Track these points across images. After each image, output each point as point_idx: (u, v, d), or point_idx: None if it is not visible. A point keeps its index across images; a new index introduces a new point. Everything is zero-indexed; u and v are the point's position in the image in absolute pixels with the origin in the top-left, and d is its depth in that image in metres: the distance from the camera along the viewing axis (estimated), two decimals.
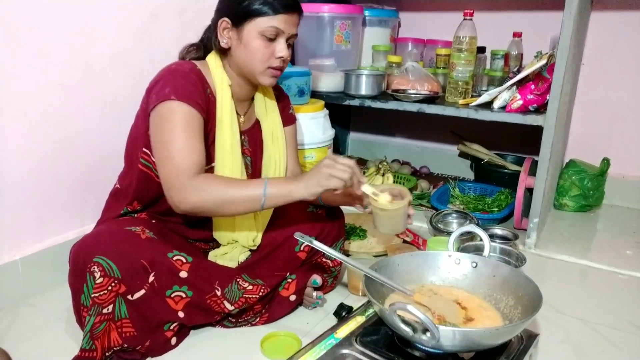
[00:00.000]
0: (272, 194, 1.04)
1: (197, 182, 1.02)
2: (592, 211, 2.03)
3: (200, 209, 1.04)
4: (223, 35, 1.14)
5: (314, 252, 1.24)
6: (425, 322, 0.79)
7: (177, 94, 1.05)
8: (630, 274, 1.51)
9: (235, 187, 1.06)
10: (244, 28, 1.11)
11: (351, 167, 1.06)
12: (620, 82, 2.01)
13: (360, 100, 1.93)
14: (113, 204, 1.22)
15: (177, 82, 1.08)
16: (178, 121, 1.05)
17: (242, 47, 1.13)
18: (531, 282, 0.98)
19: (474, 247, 1.41)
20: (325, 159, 1.07)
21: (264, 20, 1.10)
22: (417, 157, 2.50)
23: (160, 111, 1.06)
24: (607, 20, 1.99)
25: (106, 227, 1.10)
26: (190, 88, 1.08)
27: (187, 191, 1.02)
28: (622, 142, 2.07)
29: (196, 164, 1.04)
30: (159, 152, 1.06)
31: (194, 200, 1.02)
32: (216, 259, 1.24)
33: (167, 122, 1.05)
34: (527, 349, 0.95)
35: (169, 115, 1.05)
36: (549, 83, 1.58)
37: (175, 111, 1.05)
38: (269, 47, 1.12)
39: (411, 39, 2.28)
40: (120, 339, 1.03)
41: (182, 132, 1.04)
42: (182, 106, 1.06)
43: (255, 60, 1.13)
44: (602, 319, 1.27)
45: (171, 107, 1.05)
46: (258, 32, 1.11)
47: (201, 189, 1.02)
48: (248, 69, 1.15)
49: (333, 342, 0.95)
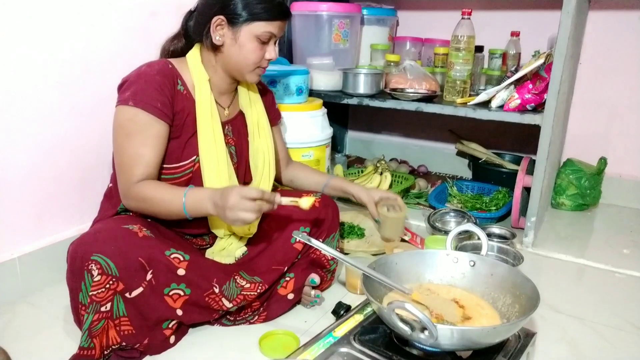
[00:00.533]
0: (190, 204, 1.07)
1: (137, 191, 1.09)
2: (589, 210, 2.04)
3: (143, 213, 1.13)
4: (216, 32, 1.16)
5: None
6: (424, 321, 0.80)
7: (134, 100, 1.09)
8: (627, 273, 1.51)
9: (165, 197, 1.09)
10: (240, 29, 1.14)
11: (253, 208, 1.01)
12: (618, 81, 2.02)
13: (359, 99, 1.93)
14: (107, 203, 1.23)
15: (138, 86, 1.11)
16: (131, 129, 1.10)
17: (237, 47, 1.16)
18: (529, 281, 0.99)
19: (471, 245, 1.42)
20: (230, 197, 1.00)
21: (261, 25, 1.15)
22: (415, 156, 2.50)
23: (117, 115, 1.12)
24: (605, 19, 1.99)
25: (103, 226, 1.10)
26: (151, 92, 1.11)
27: (129, 199, 1.10)
28: (619, 142, 2.07)
29: (141, 173, 1.09)
30: (114, 157, 1.13)
31: (133, 207, 1.11)
32: (213, 255, 1.24)
33: (120, 128, 1.11)
34: (524, 348, 0.95)
35: (123, 122, 1.11)
36: (546, 82, 1.59)
37: (129, 118, 1.10)
38: (262, 50, 1.18)
39: (409, 37, 2.28)
40: (119, 337, 1.03)
41: (133, 140, 1.09)
42: (139, 113, 1.09)
43: (247, 60, 1.18)
44: (599, 318, 1.27)
45: (127, 114, 1.10)
46: (254, 35, 1.15)
47: (138, 198, 1.09)
48: (237, 67, 1.19)
49: (331, 340, 0.95)
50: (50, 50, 1.29)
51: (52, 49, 1.29)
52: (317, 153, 1.82)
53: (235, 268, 1.18)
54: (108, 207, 1.22)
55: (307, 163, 1.75)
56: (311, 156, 1.80)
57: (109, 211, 1.20)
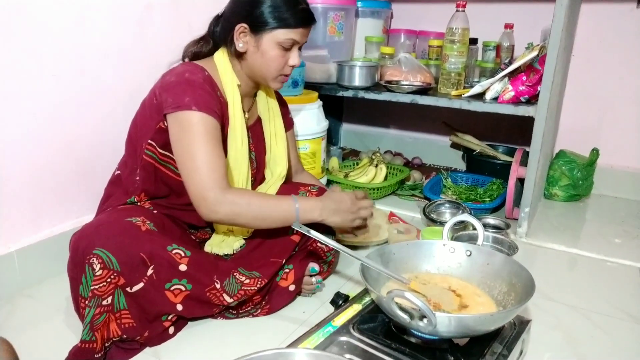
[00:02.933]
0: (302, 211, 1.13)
1: (233, 196, 1.08)
2: (582, 201, 2.07)
3: (231, 221, 1.11)
4: (239, 39, 1.17)
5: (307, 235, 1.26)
6: (423, 309, 0.81)
7: (197, 104, 1.09)
8: (619, 262, 1.54)
9: (270, 202, 1.13)
10: (262, 36, 1.15)
11: (369, 204, 1.26)
12: (610, 73, 2.04)
13: (354, 92, 1.94)
14: (116, 190, 1.23)
15: (196, 92, 1.11)
16: (201, 132, 1.08)
17: (260, 54, 1.17)
18: (524, 270, 1.00)
19: (467, 236, 1.43)
20: (346, 201, 1.20)
21: (283, 32, 1.15)
22: (409, 148, 2.52)
23: (181, 120, 1.09)
24: (597, 11, 2.01)
25: (107, 218, 1.11)
26: (207, 98, 1.12)
27: (221, 204, 1.07)
28: (611, 133, 2.10)
29: (223, 176, 1.10)
30: (183, 164, 1.10)
31: (226, 212, 1.08)
32: (212, 246, 1.25)
33: (189, 133, 1.08)
34: (519, 335, 0.97)
35: (191, 126, 1.08)
36: (540, 74, 1.60)
37: (197, 122, 1.08)
38: (285, 57, 1.18)
39: (403, 30, 2.29)
40: (120, 329, 1.04)
41: (206, 144, 1.08)
42: (204, 117, 1.09)
43: (270, 68, 1.18)
44: (591, 306, 1.30)
45: (193, 118, 1.08)
46: (276, 42, 1.16)
47: (238, 203, 1.08)
48: (261, 74, 1.20)
49: (331, 329, 0.97)
50: (45, 43, 1.28)
51: (48, 41, 1.28)
52: (313, 146, 1.82)
53: (234, 264, 1.18)
54: (120, 195, 1.22)
55: (303, 156, 1.76)
56: (307, 149, 1.81)
57: (119, 199, 1.20)
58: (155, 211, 1.20)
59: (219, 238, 1.27)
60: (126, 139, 1.25)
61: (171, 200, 1.23)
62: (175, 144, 1.11)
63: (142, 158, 1.17)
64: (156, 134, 1.14)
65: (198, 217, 1.10)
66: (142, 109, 1.21)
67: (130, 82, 1.50)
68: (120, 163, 1.26)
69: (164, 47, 1.58)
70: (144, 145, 1.16)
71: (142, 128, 1.18)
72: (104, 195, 1.27)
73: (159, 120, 1.13)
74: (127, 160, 1.24)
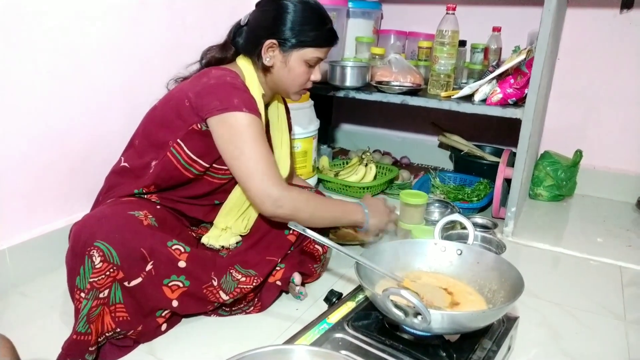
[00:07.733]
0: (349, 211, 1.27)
1: (294, 193, 1.16)
2: (565, 201, 2.12)
3: (293, 216, 1.15)
4: (267, 54, 1.21)
5: (304, 236, 1.27)
6: (418, 306, 0.84)
7: (247, 106, 1.12)
8: (601, 260, 1.59)
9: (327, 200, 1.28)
10: (291, 54, 1.21)
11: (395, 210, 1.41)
12: (594, 76, 2.09)
13: (345, 92, 1.96)
14: (121, 181, 1.23)
15: (243, 95, 1.15)
16: (256, 133, 1.13)
17: (287, 70, 1.22)
18: (513, 269, 1.03)
19: (457, 235, 1.46)
20: (381, 206, 1.36)
21: (311, 51, 1.21)
22: (397, 148, 2.55)
23: (231, 122, 1.12)
24: (582, 16, 2.06)
25: (110, 210, 1.11)
26: (252, 100, 1.16)
27: (286, 199, 1.13)
28: (594, 135, 2.15)
29: (279, 174, 1.16)
30: (239, 164, 1.13)
31: (290, 207, 1.14)
32: (209, 239, 1.26)
33: (243, 134, 1.12)
34: (508, 331, 1.00)
35: (245, 127, 1.12)
36: (527, 77, 1.64)
37: (250, 124, 1.12)
38: (309, 72, 1.25)
39: (393, 31, 2.31)
40: (114, 323, 1.04)
41: (262, 144, 1.14)
42: (255, 119, 1.13)
43: (295, 82, 1.25)
44: (575, 303, 1.34)
45: (245, 119, 1.12)
46: (303, 60, 1.22)
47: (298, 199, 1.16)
48: (284, 87, 1.26)
49: (326, 327, 0.98)
50: (40, 40, 1.27)
51: (42, 38, 1.28)
52: (304, 145, 1.84)
53: (231, 262, 1.19)
54: (127, 186, 1.21)
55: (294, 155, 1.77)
56: (299, 148, 1.82)
57: (125, 189, 1.20)
58: (159, 206, 1.20)
59: (216, 232, 1.28)
60: (139, 132, 1.25)
61: (179, 193, 1.23)
62: (224, 145, 1.13)
63: (166, 155, 1.17)
64: (187, 135, 1.15)
65: (204, 211, 1.11)
66: (167, 107, 1.20)
67: (124, 78, 1.50)
68: (126, 154, 1.26)
69: (158, 43, 1.59)
70: (170, 143, 1.17)
71: (170, 126, 1.18)
72: (105, 185, 1.26)
73: (192, 122, 1.14)
74: (139, 152, 1.23)
